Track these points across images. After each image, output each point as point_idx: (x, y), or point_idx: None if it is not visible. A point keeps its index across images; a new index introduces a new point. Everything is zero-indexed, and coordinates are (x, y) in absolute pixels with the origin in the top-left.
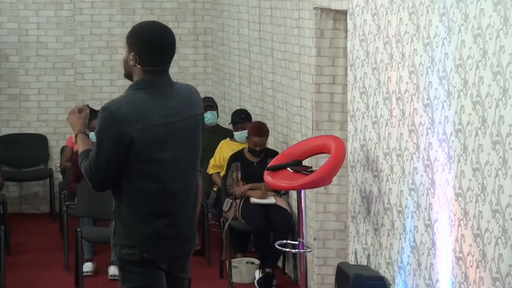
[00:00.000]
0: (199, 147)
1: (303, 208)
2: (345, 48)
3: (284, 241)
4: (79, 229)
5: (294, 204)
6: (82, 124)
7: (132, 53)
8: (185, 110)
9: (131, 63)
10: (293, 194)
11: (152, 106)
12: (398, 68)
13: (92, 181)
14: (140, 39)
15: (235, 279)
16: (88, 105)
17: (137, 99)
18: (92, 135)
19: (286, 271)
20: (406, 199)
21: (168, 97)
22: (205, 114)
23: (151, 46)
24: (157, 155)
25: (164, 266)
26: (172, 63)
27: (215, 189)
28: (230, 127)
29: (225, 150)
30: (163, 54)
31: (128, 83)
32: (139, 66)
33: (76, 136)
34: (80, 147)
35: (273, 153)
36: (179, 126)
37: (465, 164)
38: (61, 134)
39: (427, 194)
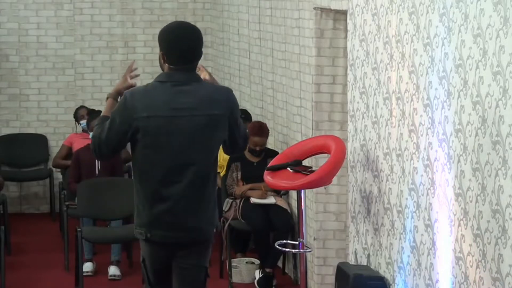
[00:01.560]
0: (210, 144)
1: (303, 208)
2: (345, 48)
3: (284, 241)
4: (79, 229)
5: (294, 204)
6: (116, 91)
7: (161, 51)
8: (201, 108)
9: (162, 60)
10: (293, 194)
11: (163, 98)
12: (398, 68)
13: (95, 147)
14: (164, 39)
15: (235, 279)
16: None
17: (151, 90)
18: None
19: (286, 271)
20: (406, 199)
21: (184, 93)
22: None
23: (173, 46)
24: (160, 143)
25: (167, 249)
26: None
27: None
28: None
29: None
30: (184, 54)
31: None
32: (166, 64)
33: (107, 98)
34: (104, 111)
35: (273, 153)
36: (188, 121)
37: (465, 164)
38: (61, 134)
39: (427, 194)
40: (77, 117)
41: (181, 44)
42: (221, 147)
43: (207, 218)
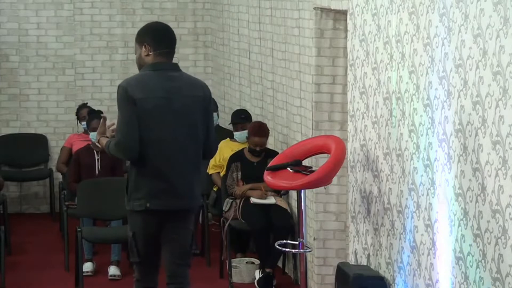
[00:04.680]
0: (197, 123)
1: (303, 208)
2: (345, 48)
3: (284, 241)
4: (79, 229)
5: (294, 204)
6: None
7: (144, 44)
8: (186, 90)
9: (144, 54)
10: (293, 194)
11: (155, 82)
12: (398, 68)
13: (124, 151)
14: (147, 30)
15: (235, 279)
16: (87, 103)
17: (143, 77)
18: (92, 135)
19: (286, 271)
20: (406, 199)
21: (171, 79)
22: None
23: (157, 31)
24: (157, 121)
25: (164, 216)
26: None
27: (215, 189)
28: (230, 127)
29: (225, 150)
30: (167, 36)
31: None
32: (151, 53)
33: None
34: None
35: (273, 153)
36: (177, 103)
37: (465, 164)
38: (61, 134)
39: (427, 194)
40: (79, 116)
41: (162, 29)
42: (222, 147)
43: (199, 187)
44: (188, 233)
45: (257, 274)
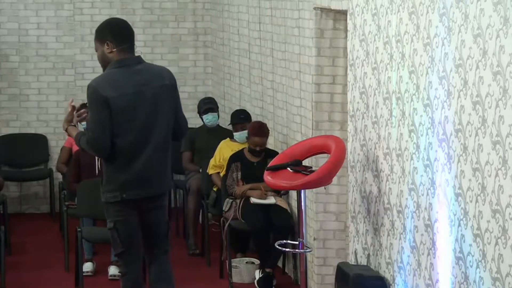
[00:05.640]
0: (166, 111)
1: (303, 208)
2: (345, 48)
3: (284, 241)
4: (79, 229)
5: (294, 204)
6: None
7: (106, 42)
8: (153, 81)
9: (107, 51)
10: (293, 194)
11: (124, 79)
12: (398, 68)
13: (93, 146)
14: (106, 28)
15: (235, 279)
16: (87, 103)
17: (111, 75)
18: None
19: (286, 271)
20: (406, 199)
21: (137, 72)
22: (206, 116)
23: (116, 28)
24: (130, 117)
25: (139, 205)
26: (172, 63)
27: (215, 189)
28: (230, 127)
29: (225, 150)
30: (126, 32)
31: None
32: (114, 50)
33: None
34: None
35: (273, 153)
36: (147, 94)
37: (465, 164)
38: (61, 134)
39: (427, 194)
40: None
41: (123, 25)
42: (222, 147)
43: (169, 171)
44: (164, 224)
45: (257, 274)
